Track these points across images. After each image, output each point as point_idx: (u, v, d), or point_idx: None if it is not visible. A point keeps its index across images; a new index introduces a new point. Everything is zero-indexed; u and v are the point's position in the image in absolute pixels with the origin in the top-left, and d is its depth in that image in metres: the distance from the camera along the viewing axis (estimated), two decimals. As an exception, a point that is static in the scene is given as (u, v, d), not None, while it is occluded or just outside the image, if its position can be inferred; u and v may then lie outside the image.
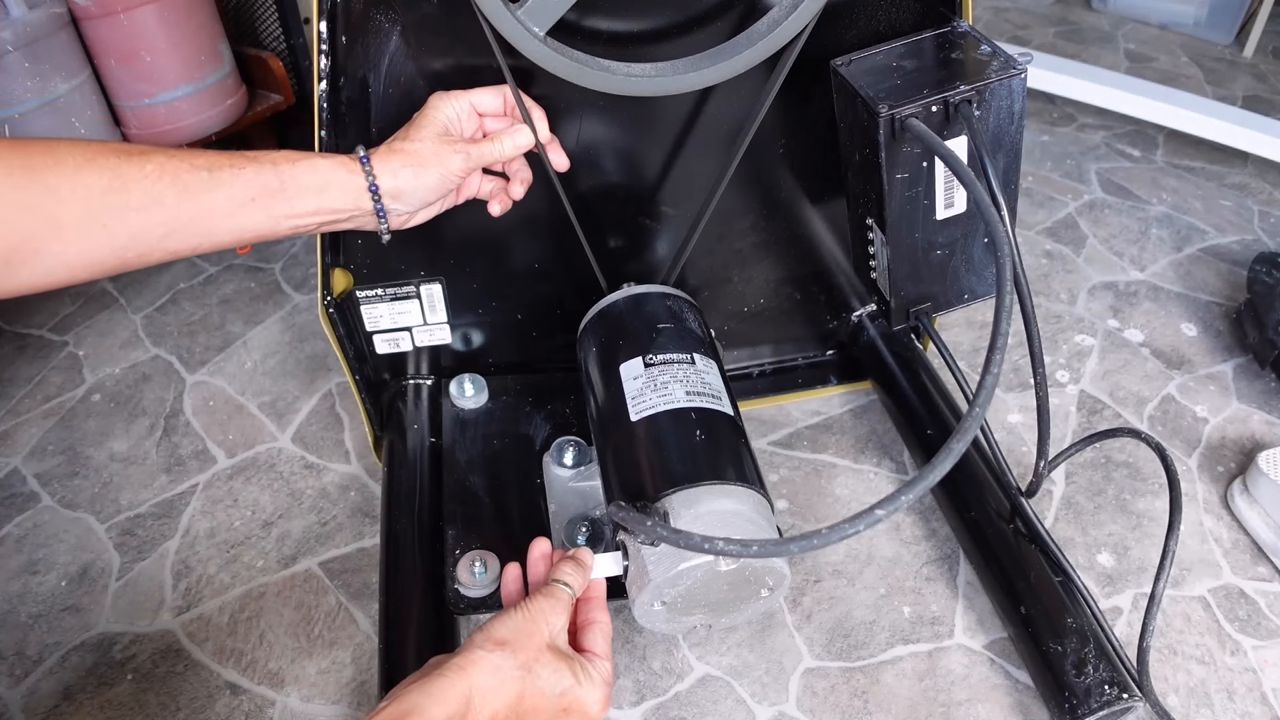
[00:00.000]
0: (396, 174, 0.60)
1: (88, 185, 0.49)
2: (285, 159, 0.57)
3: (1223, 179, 1.35)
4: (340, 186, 0.59)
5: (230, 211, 0.54)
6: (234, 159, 0.55)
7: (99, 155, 0.50)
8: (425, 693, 0.48)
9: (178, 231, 0.53)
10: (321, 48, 0.64)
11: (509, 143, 0.65)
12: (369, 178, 0.60)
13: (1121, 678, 0.66)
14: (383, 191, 0.60)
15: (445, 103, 0.64)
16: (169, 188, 0.52)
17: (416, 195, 0.62)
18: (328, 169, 0.58)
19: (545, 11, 0.60)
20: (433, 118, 0.63)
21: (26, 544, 0.87)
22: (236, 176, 0.54)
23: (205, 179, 0.53)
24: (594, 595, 0.60)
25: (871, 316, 0.96)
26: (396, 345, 0.85)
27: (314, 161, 0.58)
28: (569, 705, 0.53)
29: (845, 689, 0.74)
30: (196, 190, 0.53)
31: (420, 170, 0.61)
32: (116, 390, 1.04)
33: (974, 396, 0.49)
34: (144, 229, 0.52)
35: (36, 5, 0.98)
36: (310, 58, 1.21)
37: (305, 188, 0.57)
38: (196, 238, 0.54)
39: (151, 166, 0.51)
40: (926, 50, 0.70)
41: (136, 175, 0.51)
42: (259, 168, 0.55)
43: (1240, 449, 0.93)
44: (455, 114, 0.64)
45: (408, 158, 0.61)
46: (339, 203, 0.59)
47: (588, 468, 0.79)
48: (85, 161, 0.49)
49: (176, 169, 0.52)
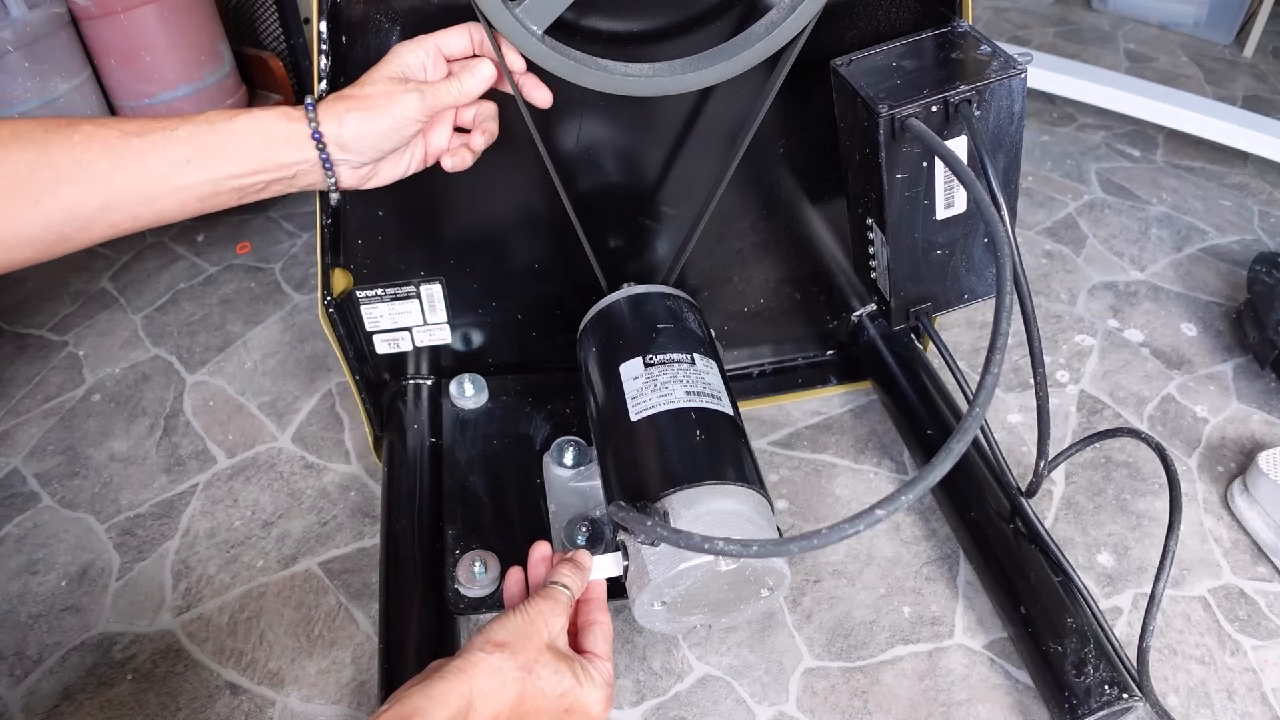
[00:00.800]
0: (343, 120, 0.56)
1: (13, 161, 0.47)
2: (222, 116, 0.53)
3: (1223, 179, 1.35)
4: (282, 138, 0.55)
5: (166, 174, 0.51)
6: (167, 121, 0.52)
7: (24, 130, 0.48)
8: (426, 695, 0.48)
9: (115, 203, 0.51)
10: (321, 48, 0.64)
11: (469, 79, 0.59)
12: (312, 124, 0.55)
13: (1121, 678, 0.66)
14: (328, 139, 0.56)
15: (406, 49, 0.59)
16: (98, 156, 0.49)
17: (367, 142, 0.57)
18: (268, 120, 0.54)
19: (543, 10, 0.60)
20: (390, 63, 0.58)
21: (26, 544, 0.87)
22: (169, 138, 0.51)
23: (136, 144, 0.50)
24: (594, 596, 0.60)
25: (871, 316, 0.96)
26: (396, 345, 0.85)
27: (253, 115, 0.54)
28: (570, 706, 0.53)
29: (845, 689, 0.74)
30: (128, 156, 0.50)
31: (370, 115, 0.56)
32: (116, 390, 1.04)
33: (974, 396, 0.49)
34: (77, 202, 0.49)
35: (36, 5, 0.98)
36: (310, 58, 1.22)
37: (245, 143, 0.53)
38: (136, 206, 0.51)
39: (79, 136, 0.49)
40: (926, 50, 0.70)
41: (63, 146, 0.49)
42: (194, 126, 0.52)
43: (1240, 449, 0.94)
44: (417, 60, 0.59)
45: (356, 102, 0.56)
46: (282, 156, 0.55)
47: (588, 468, 0.79)
48: (9, 138, 0.48)
49: (105, 136, 0.50)
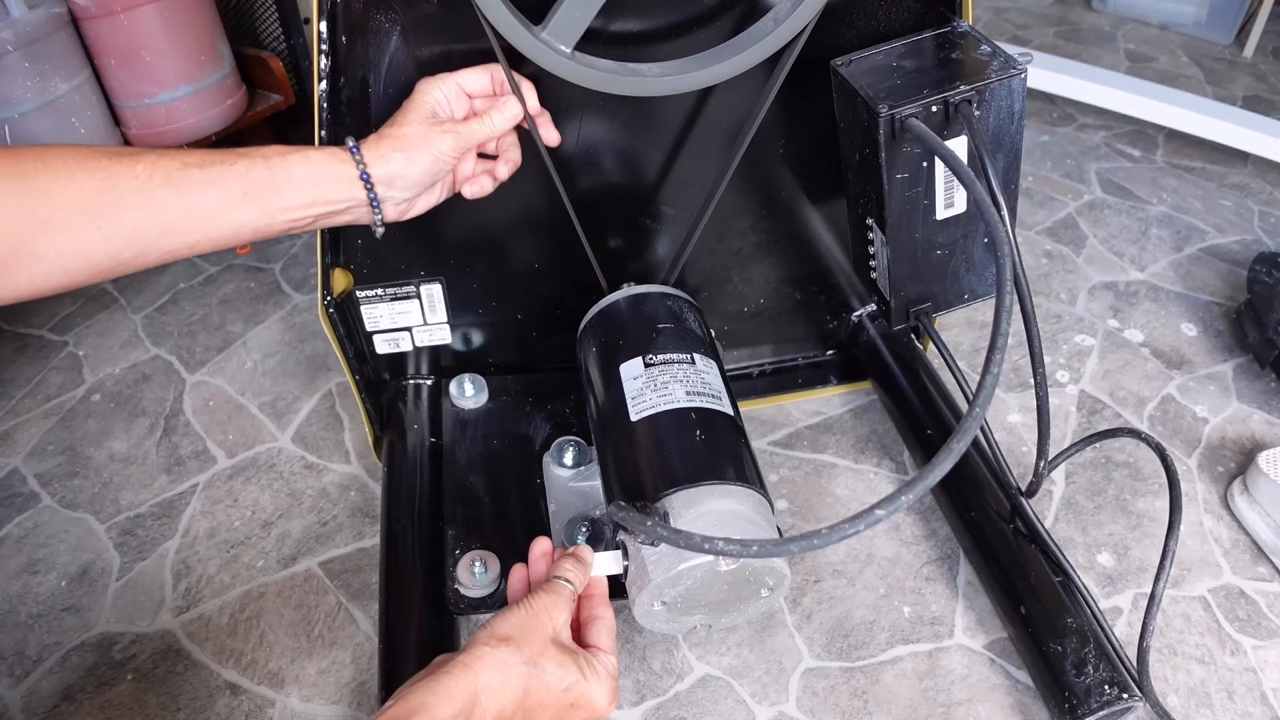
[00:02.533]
0: (388, 160, 0.60)
1: (79, 187, 0.49)
2: (277, 153, 0.57)
3: (1223, 179, 1.35)
4: (333, 177, 0.59)
5: (223, 207, 0.54)
6: (225, 155, 0.55)
7: (89, 158, 0.50)
8: (431, 691, 0.48)
9: (172, 230, 0.53)
10: (321, 48, 0.64)
11: (498, 117, 0.65)
12: (360, 166, 0.59)
13: (1121, 678, 0.66)
14: (375, 179, 0.60)
15: (432, 86, 0.64)
16: (160, 186, 0.52)
17: (409, 180, 0.62)
18: (319, 160, 0.58)
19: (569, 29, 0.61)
20: (420, 101, 0.63)
21: (26, 544, 0.87)
22: (228, 172, 0.54)
23: (197, 176, 0.53)
24: (596, 591, 0.60)
25: (871, 316, 0.96)
26: (396, 345, 0.85)
27: (306, 153, 0.58)
28: (575, 700, 0.53)
29: (845, 689, 0.74)
30: (188, 187, 0.53)
31: (411, 154, 0.61)
32: (116, 390, 1.04)
33: (974, 396, 0.49)
34: (138, 229, 0.52)
35: (36, 5, 0.98)
36: (310, 58, 1.22)
37: (297, 180, 0.57)
38: (192, 235, 0.54)
39: (142, 166, 0.51)
40: (926, 50, 0.70)
41: (127, 175, 0.51)
42: (250, 162, 0.55)
43: (1240, 449, 0.93)
44: (443, 96, 0.64)
45: (397, 142, 0.61)
46: (333, 194, 0.59)
47: (588, 468, 0.79)
48: (76, 164, 0.49)
49: (167, 167, 0.52)
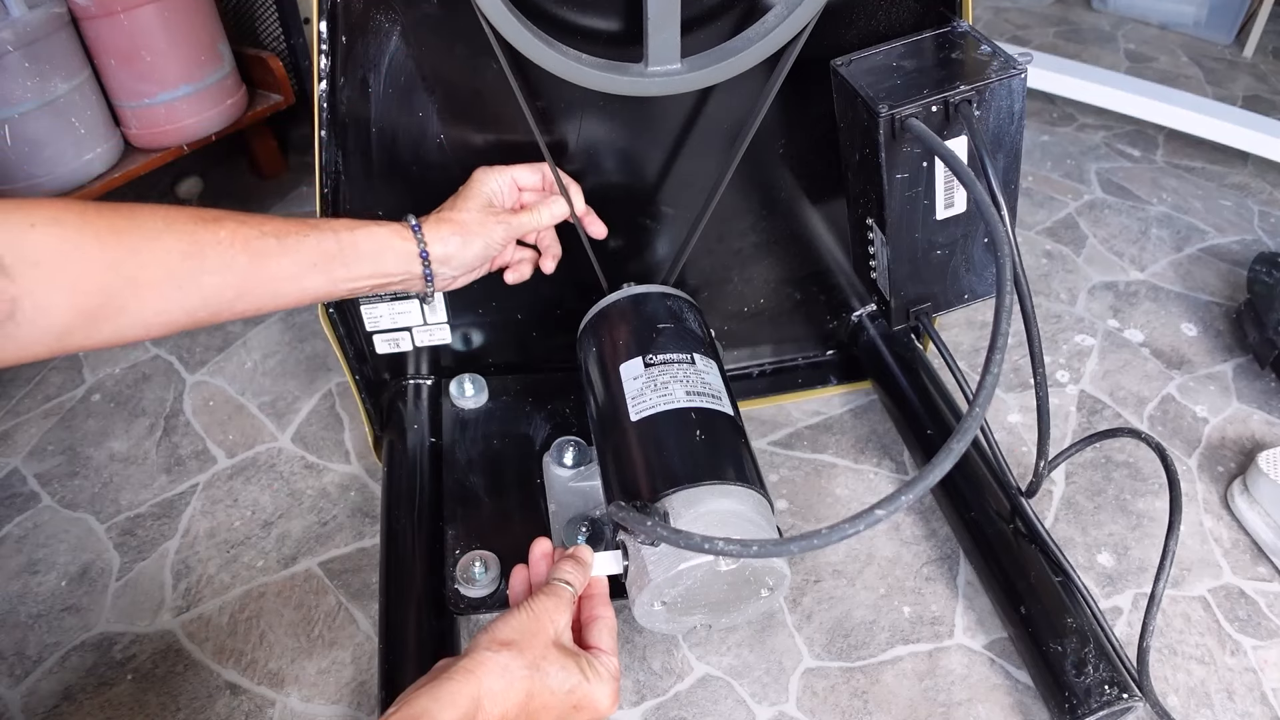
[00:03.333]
0: (446, 241, 0.65)
1: (166, 249, 0.52)
2: (345, 227, 0.61)
3: (1223, 179, 1.35)
4: (395, 253, 0.63)
5: (295, 276, 0.58)
6: (299, 226, 0.59)
7: (177, 221, 0.53)
8: (433, 697, 0.48)
9: (247, 294, 0.57)
10: (321, 48, 0.64)
11: (546, 213, 0.71)
12: (420, 244, 0.64)
13: (1121, 678, 0.66)
14: (432, 258, 0.65)
15: (490, 177, 0.69)
16: (240, 253, 0.55)
17: (462, 261, 0.67)
18: (383, 236, 0.63)
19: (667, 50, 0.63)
20: (478, 190, 0.68)
21: (26, 544, 0.87)
22: (301, 243, 0.58)
23: (274, 245, 0.57)
24: (597, 592, 0.60)
25: (871, 316, 0.96)
26: (396, 345, 0.85)
27: (371, 230, 0.63)
28: (578, 702, 0.53)
29: (845, 689, 0.74)
30: (265, 256, 0.56)
31: (467, 240, 0.66)
32: (116, 390, 1.04)
33: (974, 396, 0.49)
34: (216, 291, 0.55)
35: (36, 5, 0.98)
36: (310, 58, 1.21)
37: (363, 254, 0.62)
38: (262, 299, 0.58)
39: (225, 233, 0.55)
40: (926, 50, 0.70)
41: (211, 241, 0.54)
42: (321, 235, 0.60)
43: (1240, 449, 0.94)
44: (499, 187, 0.69)
45: (456, 227, 0.66)
46: (393, 267, 0.64)
47: (588, 468, 0.79)
48: (165, 227, 0.52)
49: (247, 236, 0.56)
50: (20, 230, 0.47)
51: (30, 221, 0.48)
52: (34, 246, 0.47)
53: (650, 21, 0.62)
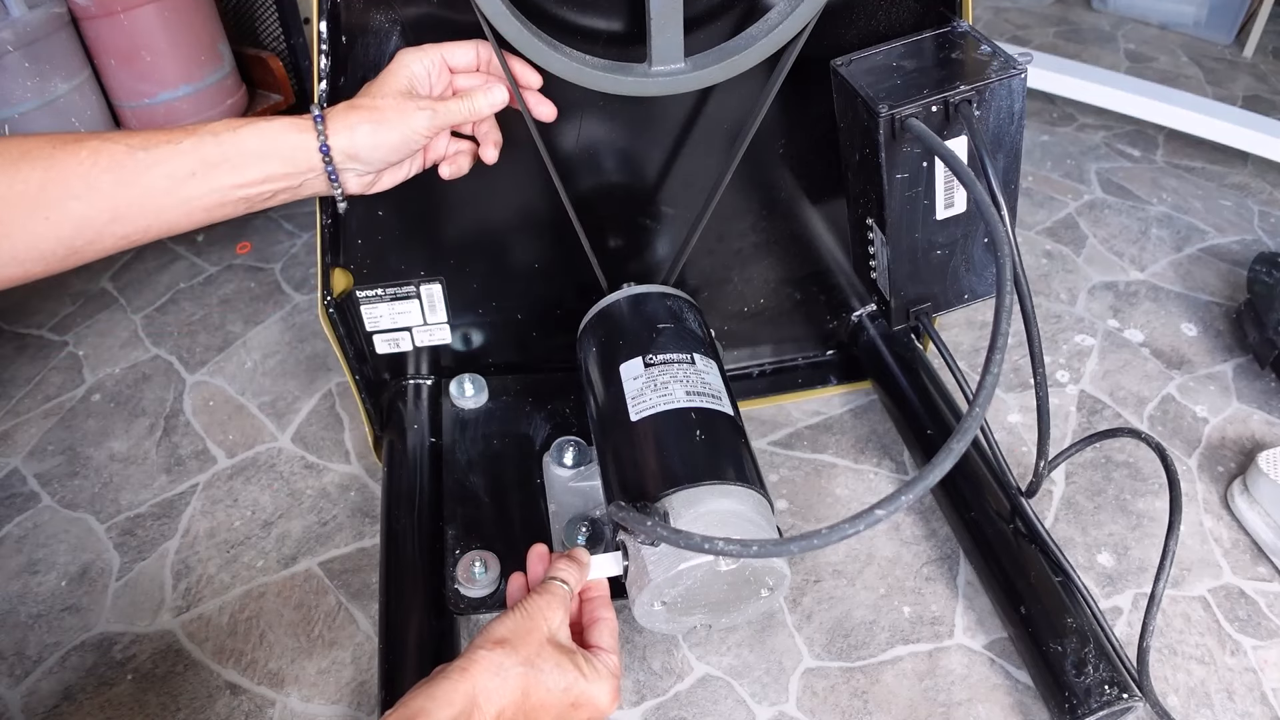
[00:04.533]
0: (354, 130, 0.56)
1: (24, 179, 0.48)
2: (227, 127, 0.53)
3: (1223, 179, 1.35)
4: (289, 147, 0.55)
5: (171, 188, 0.52)
6: (172, 134, 0.52)
7: (34, 148, 0.49)
8: (429, 696, 0.48)
9: (123, 216, 0.51)
10: (321, 48, 0.64)
11: (482, 100, 0.61)
12: (320, 137, 0.56)
13: (1121, 678, 0.66)
14: (336, 150, 0.56)
15: (413, 57, 0.60)
16: (105, 172, 0.50)
17: (376, 154, 0.58)
18: (275, 131, 0.55)
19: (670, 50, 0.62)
20: (398, 73, 0.59)
21: (26, 544, 0.87)
22: (174, 152, 0.52)
23: (141, 158, 0.51)
24: (598, 593, 0.60)
25: (871, 316, 0.96)
26: (396, 345, 0.85)
27: (259, 125, 0.54)
28: (576, 699, 0.53)
29: (845, 689, 0.74)
30: (133, 170, 0.51)
31: (380, 127, 0.57)
32: (116, 390, 1.04)
33: (974, 396, 0.49)
34: (86, 218, 0.50)
35: (36, 5, 0.98)
36: (310, 58, 1.22)
37: (249, 154, 0.54)
38: (144, 219, 0.52)
39: (85, 152, 0.50)
40: (926, 50, 0.70)
41: (71, 163, 0.49)
42: (198, 139, 0.53)
43: (1240, 449, 0.93)
44: (424, 69, 0.60)
45: (367, 114, 0.57)
46: (288, 166, 0.55)
47: (588, 468, 0.79)
48: (20, 156, 0.48)
49: (111, 150, 0.50)
50: None
51: None
52: None
53: (653, 22, 0.61)
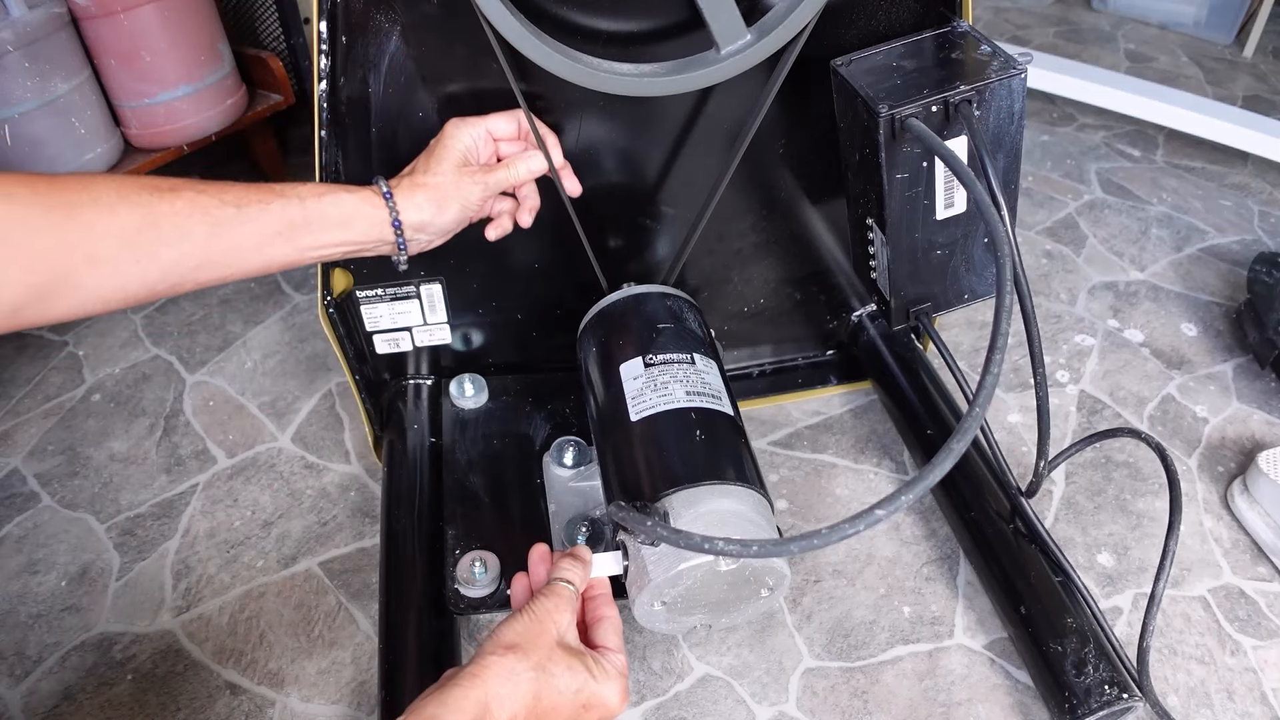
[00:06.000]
0: (420, 208, 0.63)
1: (121, 223, 0.51)
2: (311, 193, 0.59)
3: (1223, 179, 1.35)
4: (365, 220, 0.61)
5: (258, 245, 0.57)
6: (261, 193, 0.57)
7: (132, 192, 0.51)
8: (441, 703, 0.48)
9: (209, 264, 0.55)
10: (321, 48, 0.64)
11: (523, 167, 0.67)
12: (392, 213, 0.62)
13: (1121, 678, 0.66)
14: (406, 225, 0.63)
15: (462, 130, 0.65)
16: (199, 223, 0.53)
17: (437, 227, 0.65)
18: (352, 204, 0.60)
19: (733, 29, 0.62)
20: (451, 147, 0.65)
21: (26, 544, 0.87)
22: (264, 211, 0.56)
23: (233, 214, 0.55)
24: (600, 592, 0.60)
25: (871, 316, 0.96)
26: (396, 345, 0.85)
27: (338, 196, 0.60)
28: (587, 701, 0.53)
29: (845, 689, 0.74)
30: (226, 225, 0.55)
31: (443, 204, 0.64)
32: (116, 390, 1.04)
33: (974, 396, 0.49)
34: (175, 263, 0.53)
35: (36, 5, 0.98)
36: (310, 58, 1.21)
37: (330, 221, 0.59)
38: (226, 269, 0.56)
39: (181, 203, 0.53)
40: (926, 50, 0.70)
41: (167, 212, 0.52)
42: (285, 202, 0.57)
43: (1240, 449, 0.93)
44: (472, 141, 0.66)
45: (430, 192, 0.63)
46: (363, 235, 0.61)
47: (588, 468, 0.79)
48: (119, 199, 0.51)
49: (206, 205, 0.54)
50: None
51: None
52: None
53: (706, 7, 0.61)
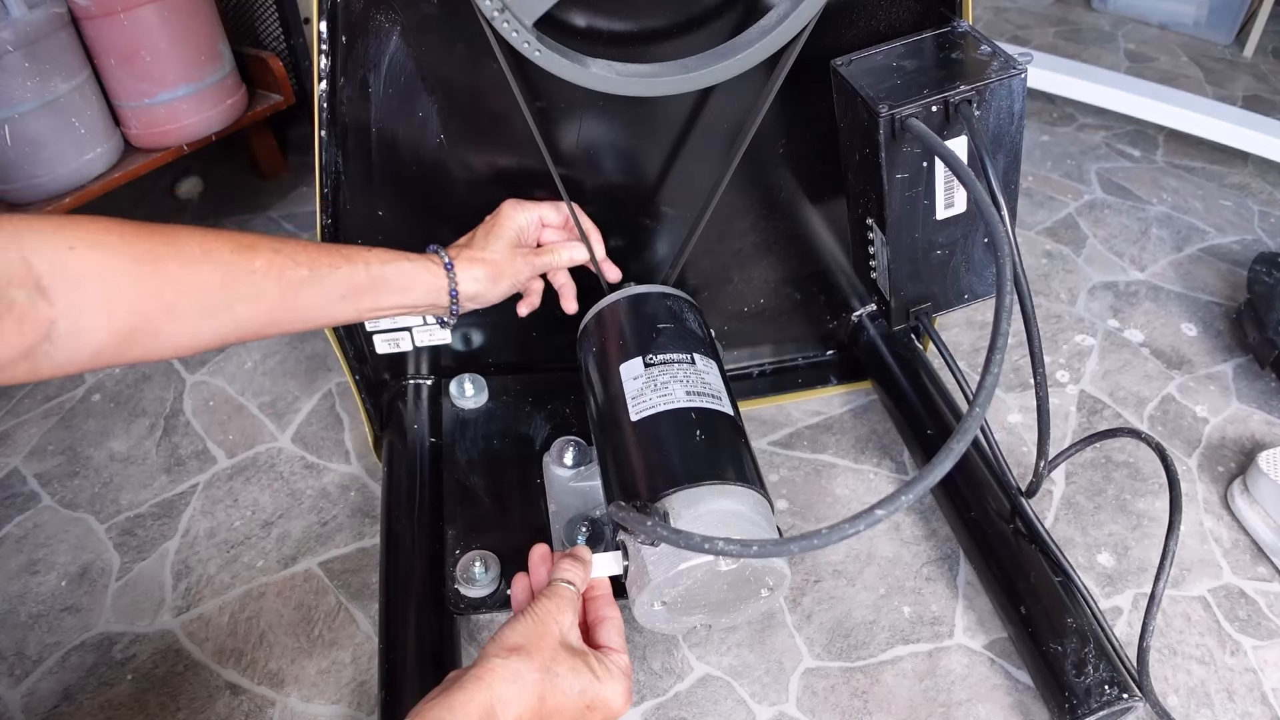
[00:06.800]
0: (478, 280, 0.67)
1: (204, 277, 0.53)
2: (377, 259, 0.63)
3: (1223, 179, 1.35)
4: (424, 287, 0.65)
5: (324, 306, 0.60)
6: (332, 257, 0.60)
7: (215, 248, 0.54)
8: (446, 707, 0.47)
9: (275, 322, 0.58)
10: (321, 48, 0.64)
11: (565, 254, 0.74)
12: (451, 283, 0.66)
13: (1121, 678, 0.66)
14: (462, 295, 0.67)
15: (519, 212, 0.71)
16: (273, 284, 0.56)
17: (487, 297, 0.69)
18: (414, 272, 0.65)
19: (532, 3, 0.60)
20: (508, 227, 0.70)
21: (26, 544, 0.87)
22: (333, 275, 0.60)
23: (305, 276, 0.58)
24: (601, 592, 0.60)
25: (871, 316, 0.96)
26: (396, 345, 0.85)
27: (402, 265, 0.64)
28: (591, 701, 0.53)
29: (845, 689, 0.74)
30: (297, 287, 0.58)
31: (496, 279, 0.69)
32: (116, 390, 1.04)
33: (974, 396, 0.49)
34: (247, 319, 0.56)
35: (36, 5, 0.98)
36: (310, 58, 1.22)
37: (393, 287, 0.63)
38: (290, 325, 0.59)
39: (260, 262, 0.56)
40: (926, 50, 0.70)
41: (245, 271, 0.55)
42: (353, 268, 0.61)
43: (1240, 449, 0.93)
44: (526, 224, 0.71)
45: (488, 268, 0.68)
46: (419, 300, 0.66)
47: (588, 468, 0.79)
48: (203, 255, 0.53)
49: (281, 265, 0.57)
50: (59, 252, 0.47)
51: (69, 244, 0.47)
52: (74, 269, 0.47)
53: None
